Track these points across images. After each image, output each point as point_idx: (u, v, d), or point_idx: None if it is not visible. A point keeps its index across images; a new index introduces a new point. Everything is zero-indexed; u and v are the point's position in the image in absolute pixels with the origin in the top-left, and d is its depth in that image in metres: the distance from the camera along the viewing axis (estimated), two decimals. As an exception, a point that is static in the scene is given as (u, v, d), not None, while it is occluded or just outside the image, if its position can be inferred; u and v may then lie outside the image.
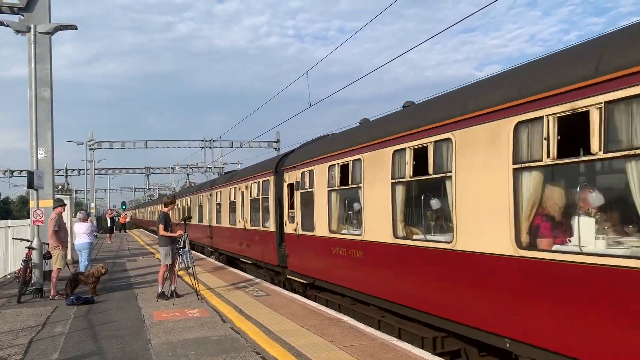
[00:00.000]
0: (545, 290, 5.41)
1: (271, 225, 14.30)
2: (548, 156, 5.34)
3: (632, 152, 4.60)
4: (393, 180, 8.05)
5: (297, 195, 12.27)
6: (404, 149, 7.77)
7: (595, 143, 4.84)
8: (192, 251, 13.96)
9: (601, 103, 4.83)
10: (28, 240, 12.95)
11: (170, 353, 6.98)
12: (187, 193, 31.50)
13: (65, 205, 13.08)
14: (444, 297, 6.99)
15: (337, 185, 10.22)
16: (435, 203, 7.41)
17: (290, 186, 12.87)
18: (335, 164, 10.25)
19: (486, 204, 6.17)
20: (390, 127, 8.55)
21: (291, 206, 12.88)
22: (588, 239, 5.15)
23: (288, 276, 13.16)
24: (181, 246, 11.44)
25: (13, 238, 16.06)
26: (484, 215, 6.20)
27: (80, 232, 14.74)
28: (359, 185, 9.23)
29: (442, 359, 6.78)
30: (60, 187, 53.49)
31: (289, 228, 12.94)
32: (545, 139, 5.37)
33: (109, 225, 38.26)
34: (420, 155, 7.53)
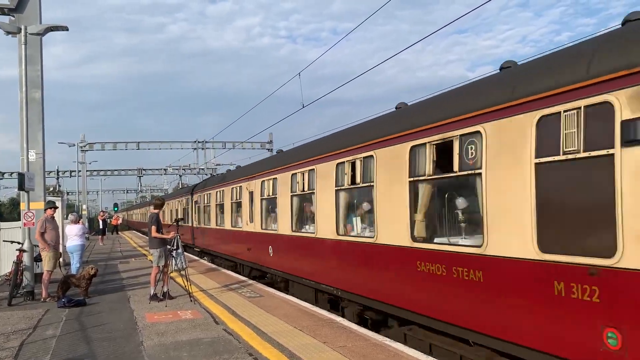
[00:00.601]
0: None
1: (189, 222, 25.50)
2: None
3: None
4: (216, 202, 19.31)
5: (197, 207, 23.73)
6: (222, 189, 18.39)
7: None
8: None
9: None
10: (19, 243, 12.87)
11: (163, 355, 6.97)
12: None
13: (56, 207, 12.99)
14: (238, 250, 16.68)
15: (208, 203, 20.93)
16: (234, 211, 17.29)
17: (195, 202, 24.17)
18: (210, 193, 20.49)
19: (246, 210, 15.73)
20: (218, 178, 20.82)
21: (196, 212, 24.08)
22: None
23: (195, 248, 24.93)
24: (174, 248, 11.39)
25: (4, 240, 15.96)
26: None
27: (72, 234, 14.65)
28: (209, 204, 20.50)
29: (435, 359, 6.81)
30: (51, 188, 53.11)
31: (195, 224, 24.24)
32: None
33: (100, 227, 38.05)
34: (236, 190, 16.88)
